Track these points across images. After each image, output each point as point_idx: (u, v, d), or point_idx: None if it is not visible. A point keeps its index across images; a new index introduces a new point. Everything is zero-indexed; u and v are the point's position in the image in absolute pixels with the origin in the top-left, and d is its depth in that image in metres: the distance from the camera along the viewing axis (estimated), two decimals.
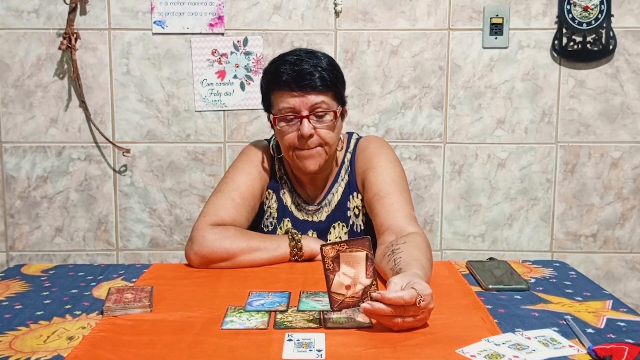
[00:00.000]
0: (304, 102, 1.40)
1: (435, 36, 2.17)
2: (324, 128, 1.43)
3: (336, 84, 1.45)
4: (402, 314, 0.99)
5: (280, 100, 1.42)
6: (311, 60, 1.42)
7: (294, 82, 1.40)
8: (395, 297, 0.98)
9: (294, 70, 1.40)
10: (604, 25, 2.13)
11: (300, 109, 1.41)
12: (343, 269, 1.04)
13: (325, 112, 1.43)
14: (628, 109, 2.19)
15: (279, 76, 1.42)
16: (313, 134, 1.42)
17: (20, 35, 2.15)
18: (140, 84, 2.18)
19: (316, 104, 1.41)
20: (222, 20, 2.15)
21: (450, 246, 2.26)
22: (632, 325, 1.04)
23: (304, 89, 1.40)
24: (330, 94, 1.44)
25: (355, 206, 1.55)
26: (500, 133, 2.21)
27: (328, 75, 1.42)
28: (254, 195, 1.52)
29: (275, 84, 1.43)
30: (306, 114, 1.41)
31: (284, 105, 1.42)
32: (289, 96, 1.41)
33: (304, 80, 1.40)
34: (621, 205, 2.23)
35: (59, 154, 2.20)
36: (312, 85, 1.40)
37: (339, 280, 1.04)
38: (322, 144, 1.44)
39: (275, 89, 1.44)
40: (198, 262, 1.39)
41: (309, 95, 1.40)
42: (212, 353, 0.94)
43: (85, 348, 0.96)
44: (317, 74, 1.40)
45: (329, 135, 1.45)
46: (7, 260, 2.24)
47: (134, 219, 2.24)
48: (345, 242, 1.04)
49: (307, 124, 1.41)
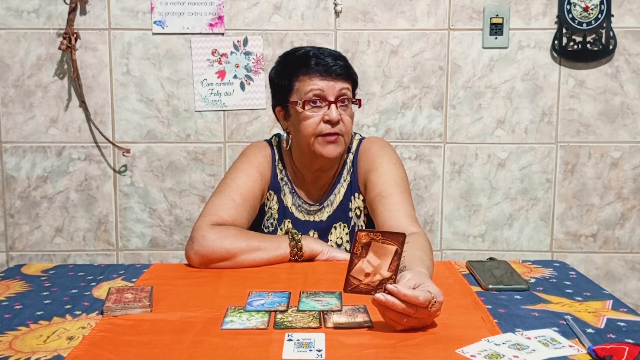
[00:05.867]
0: (332, 87, 1.45)
1: (435, 36, 2.17)
2: (347, 116, 1.47)
3: (355, 76, 1.52)
4: (411, 313, 0.98)
5: (309, 83, 1.45)
6: (332, 52, 1.49)
7: (323, 67, 1.45)
8: (411, 295, 0.97)
9: (321, 58, 1.46)
10: (604, 25, 2.13)
11: (328, 93, 1.45)
12: (369, 257, 1.03)
13: (349, 99, 1.48)
14: (628, 109, 2.19)
15: (307, 60, 1.46)
16: (339, 120, 1.45)
17: (20, 35, 2.15)
18: (140, 84, 2.18)
19: (343, 89, 1.46)
20: (222, 20, 2.15)
21: (450, 246, 2.26)
22: (632, 325, 1.04)
23: (332, 75, 1.45)
24: (352, 84, 1.50)
25: (357, 207, 1.56)
26: (500, 133, 2.21)
27: (349, 68, 1.49)
28: (254, 195, 1.52)
29: (302, 68, 1.46)
30: (333, 99, 1.45)
31: (313, 88, 1.44)
32: (318, 79, 1.44)
33: (333, 65, 1.45)
34: (621, 205, 2.23)
35: (59, 154, 2.20)
36: (339, 72, 1.45)
37: (361, 266, 1.03)
38: (344, 132, 1.48)
39: (301, 74, 1.46)
40: (198, 262, 1.39)
41: (337, 81, 1.45)
42: (212, 353, 0.93)
43: (85, 348, 0.96)
44: (341, 62, 1.47)
45: (349, 124, 1.49)
46: (7, 260, 2.24)
47: (134, 219, 2.24)
48: (381, 232, 1.04)
49: (335, 109, 1.45)
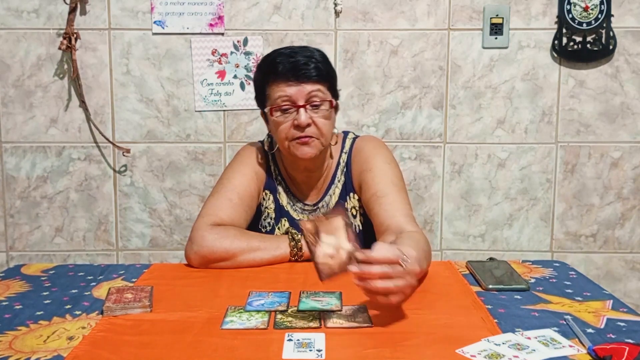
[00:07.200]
0: (300, 91, 1.43)
1: (435, 36, 2.17)
2: (320, 118, 1.45)
3: (330, 75, 1.49)
4: (389, 274, 1.00)
5: (277, 90, 1.44)
6: (305, 53, 1.46)
7: (290, 72, 1.42)
8: (378, 256, 0.99)
9: (289, 62, 1.43)
10: (604, 25, 2.13)
11: (296, 98, 1.43)
12: (324, 238, 1.04)
13: (321, 101, 1.45)
14: (628, 109, 2.19)
15: (275, 67, 1.44)
16: (310, 124, 1.44)
17: (20, 35, 2.15)
18: (140, 84, 2.18)
19: (312, 92, 1.43)
20: (222, 20, 2.15)
21: (450, 246, 2.26)
22: (632, 325, 1.04)
23: (300, 79, 1.43)
24: (325, 84, 1.47)
25: (353, 207, 1.56)
26: (500, 133, 2.20)
27: (322, 66, 1.46)
28: (251, 195, 1.53)
29: (271, 75, 1.45)
30: (302, 104, 1.43)
31: (280, 94, 1.44)
32: (285, 85, 1.43)
33: (300, 70, 1.42)
34: (621, 205, 2.23)
35: (59, 154, 2.20)
36: (308, 75, 1.43)
37: (322, 250, 1.03)
38: (318, 135, 1.46)
39: (271, 81, 1.46)
40: (198, 262, 1.39)
41: (305, 85, 1.43)
42: (212, 353, 0.93)
43: (85, 348, 0.96)
44: (312, 64, 1.44)
45: (325, 125, 1.46)
46: (7, 260, 2.24)
47: (134, 219, 2.24)
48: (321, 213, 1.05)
49: (303, 113, 1.43)
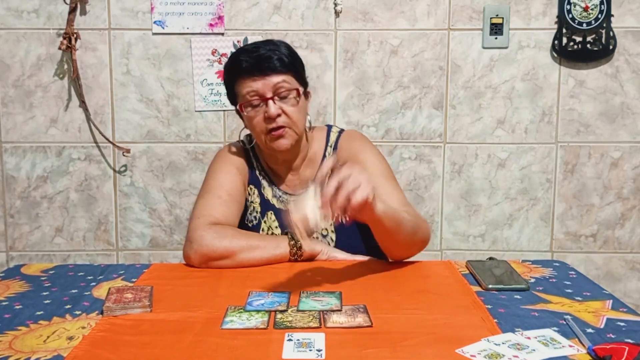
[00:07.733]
0: (266, 84, 1.44)
1: (435, 36, 2.17)
2: (289, 107, 1.47)
3: (295, 64, 1.50)
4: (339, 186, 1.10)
5: (244, 86, 1.46)
6: (268, 46, 1.48)
7: (253, 66, 1.44)
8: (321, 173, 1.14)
9: (252, 57, 1.45)
10: (604, 25, 2.13)
11: (263, 91, 1.44)
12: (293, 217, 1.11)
13: (288, 91, 1.46)
14: (628, 109, 2.19)
15: (239, 64, 1.46)
16: (280, 114, 1.45)
17: (20, 35, 2.15)
18: (140, 84, 2.18)
19: (278, 83, 1.45)
20: (222, 20, 2.15)
21: (450, 246, 2.26)
22: (632, 325, 1.04)
23: (265, 72, 1.44)
24: (290, 74, 1.48)
25: None
26: (500, 133, 2.20)
27: (286, 58, 1.47)
28: (238, 190, 1.55)
29: (236, 73, 1.47)
30: (270, 96, 1.45)
31: (247, 90, 1.45)
32: (250, 81, 1.45)
33: (263, 63, 1.44)
34: (621, 205, 2.23)
35: (59, 154, 2.20)
36: (272, 67, 1.44)
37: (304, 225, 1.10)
38: (290, 123, 1.47)
39: (237, 78, 1.48)
40: (198, 261, 1.39)
41: (270, 77, 1.44)
42: (212, 353, 0.93)
43: (85, 348, 0.96)
44: (275, 57, 1.45)
45: (295, 114, 1.48)
46: (7, 260, 2.24)
47: (134, 219, 2.24)
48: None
49: (272, 105, 1.44)
